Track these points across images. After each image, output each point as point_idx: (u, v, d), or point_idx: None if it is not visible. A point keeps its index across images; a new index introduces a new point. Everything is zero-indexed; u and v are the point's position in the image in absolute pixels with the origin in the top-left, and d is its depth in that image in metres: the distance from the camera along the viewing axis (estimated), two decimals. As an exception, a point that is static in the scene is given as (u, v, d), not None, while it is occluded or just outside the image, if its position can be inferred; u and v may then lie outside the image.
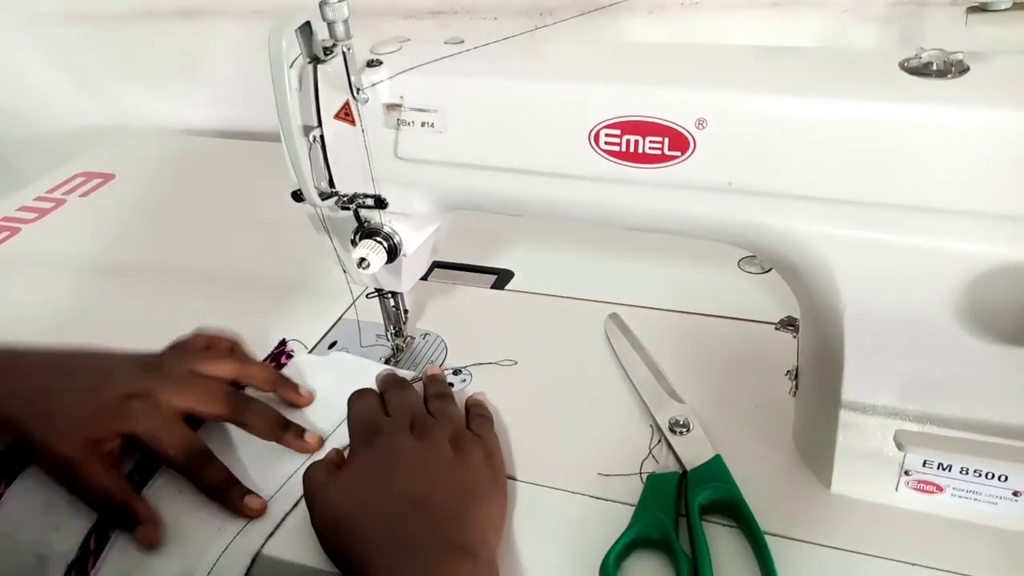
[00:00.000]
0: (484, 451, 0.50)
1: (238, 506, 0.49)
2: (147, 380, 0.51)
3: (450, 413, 0.53)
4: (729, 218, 0.44)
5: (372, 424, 0.51)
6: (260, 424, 0.53)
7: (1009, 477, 0.44)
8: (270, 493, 0.51)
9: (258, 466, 0.52)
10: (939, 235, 0.40)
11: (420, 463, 0.47)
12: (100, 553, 0.48)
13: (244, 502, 0.49)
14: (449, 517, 0.44)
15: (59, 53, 1.14)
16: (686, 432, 0.52)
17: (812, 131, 0.41)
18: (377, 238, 0.52)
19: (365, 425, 0.51)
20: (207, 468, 0.50)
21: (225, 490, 0.50)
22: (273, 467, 0.52)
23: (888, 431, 0.45)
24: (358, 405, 0.54)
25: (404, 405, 0.53)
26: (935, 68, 0.40)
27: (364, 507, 0.44)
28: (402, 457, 0.47)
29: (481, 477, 0.48)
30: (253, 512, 0.49)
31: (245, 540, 0.48)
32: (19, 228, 0.87)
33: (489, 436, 0.52)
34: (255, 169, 0.95)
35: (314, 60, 0.48)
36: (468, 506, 0.45)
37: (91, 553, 0.48)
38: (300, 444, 0.53)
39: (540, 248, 0.75)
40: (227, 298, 0.71)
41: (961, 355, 0.42)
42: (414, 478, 0.46)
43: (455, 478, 0.47)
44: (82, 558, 0.47)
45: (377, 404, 0.53)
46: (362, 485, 0.46)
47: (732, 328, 0.63)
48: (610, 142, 0.44)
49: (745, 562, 0.45)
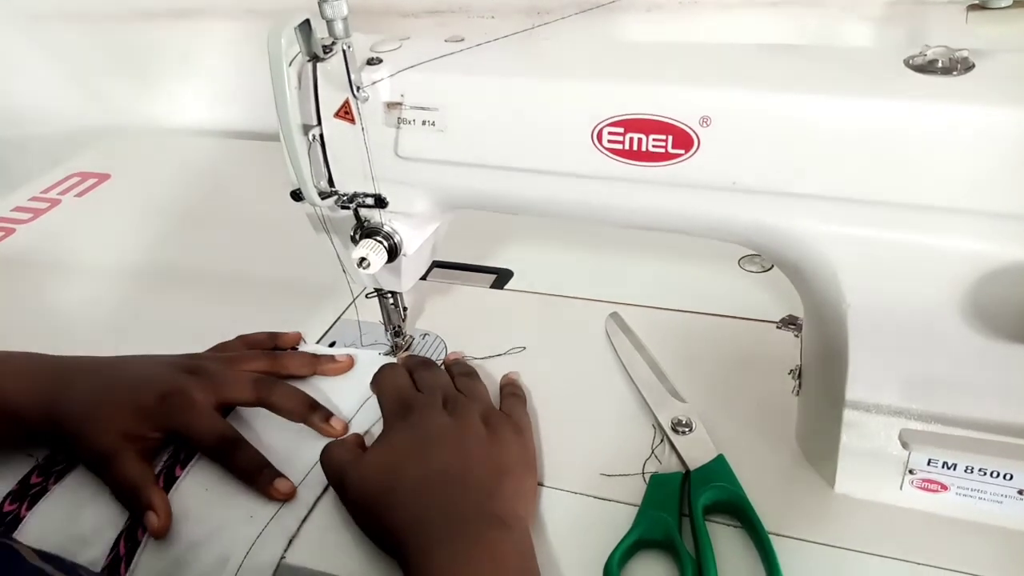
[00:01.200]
0: (514, 428, 0.51)
1: (268, 489, 0.50)
2: (182, 379, 0.54)
3: (478, 391, 0.55)
4: (733, 217, 0.44)
5: (405, 400, 0.52)
6: (288, 405, 0.55)
7: (1015, 476, 0.44)
8: (298, 479, 0.51)
9: (287, 453, 0.53)
10: (944, 233, 0.40)
11: (455, 439, 0.49)
12: (132, 556, 0.48)
13: (274, 485, 0.50)
14: (485, 491, 0.46)
15: (55, 53, 1.13)
16: (689, 432, 0.52)
17: (817, 129, 0.40)
18: (377, 237, 0.52)
19: (398, 400, 0.53)
20: (239, 453, 0.52)
21: (257, 473, 0.51)
22: (302, 454, 0.53)
23: (892, 430, 0.45)
24: (388, 380, 0.55)
25: (435, 383, 0.54)
26: (940, 65, 0.40)
27: (401, 480, 0.46)
28: (437, 433, 0.49)
29: (513, 453, 0.49)
30: (282, 495, 0.50)
31: (279, 525, 0.49)
32: (14, 229, 0.87)
33: (520, 414, 0.54)
34: (252, 169, 0.95)
35: (313, 58, 0.47)
36: (501, 481, 0.47)
37: (121, 559, 0.48)
38: (326, 428, 0.54)
39: (540, 247, 0.75)
40: (224, 298, 0.71)
41: (966, 353, 0.42)
42: (450, 453, 0.47)
43: (488, 454, 0.48)
44: (113, 564, 0.48)
45: (408, 380, 0.55)
46: (399, 459, 0.48)
47: (733, 327, 0.62)
48: (613, 140, 0.43)
49: (749, 562, 0.45)
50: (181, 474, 0.52)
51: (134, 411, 0.52)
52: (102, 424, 0.51)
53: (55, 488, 0.52)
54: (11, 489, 0.52)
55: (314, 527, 0.49)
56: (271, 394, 0.55)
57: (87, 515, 0.50)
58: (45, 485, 0.52)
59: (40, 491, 0.52)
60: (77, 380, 0.54)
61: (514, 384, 0.57)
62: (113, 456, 0.51)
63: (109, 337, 0.57)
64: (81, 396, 0.53)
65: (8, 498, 0.51)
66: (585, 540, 0.47)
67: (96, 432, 0.51)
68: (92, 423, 0.51)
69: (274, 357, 0.59)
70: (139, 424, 0.52)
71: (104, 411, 0.52)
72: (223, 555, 0.47)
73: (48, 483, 0.52)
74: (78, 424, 0.52)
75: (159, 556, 0.48)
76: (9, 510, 0.51)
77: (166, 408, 0.52)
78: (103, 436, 0.51)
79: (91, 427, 0.51)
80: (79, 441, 0.52)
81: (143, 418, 0.52)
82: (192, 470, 0.53)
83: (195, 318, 0.67)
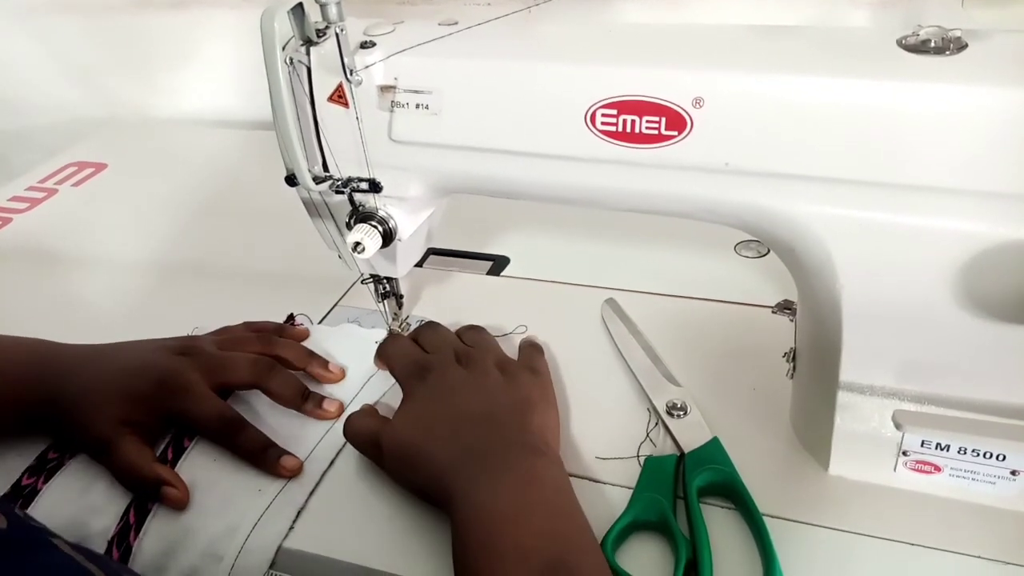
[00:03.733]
0: (530, 370, 0.53)
1: (275, 467, 0.51)
2: (178, 362, 0.54)
3: (487, 342, 0.56)
4: (726, 199, 0.44)
5: (419, 363, 0.53)
6: (283, 391, 0.55)
7: (1007, 456, 0.44)
8: (304, 455, 0.52)
9: (290, 431, 0.54)
10: (937, 214, 0.40)
11: (476, 386, 0.50)
12: (142, 525, 0.49)
13: (280, 462, 0.51)
14: (513, 425, 0.47)
15: (51, 43, 1.13)
16: (683, 415, 0.52)
17: (810, 110, 0.40)
18: (372, 222, 0.52)
19: (412, 365, 0.53)
20: (241, 434, 0.52)
21: (261, 452, 0.51)
22: (306, 431, 0.54)
23: (886, 412, 0.45)
24: (395, 349, 0.56)
25: (443, 342, 0.55)
26: (933, 45, 0.40)
27: (430, 432, 0.47)
28: (457, 384, 0.50)
29: (532, 391, 0.51)
30: (289, 472, 0.51)
31: (288, 496, 0.50)
32: (11, 218, 0.87)
33: (537, 360, 0.56)
34: (249, 158, 0.95)
35: (307, 42, 0.47)
36: (526, 415, 0.48)
37: (131, 526, 0.49)
38: (319, 413, 0.55)
39: (536, 234, 0.75)
40: (221, 287, 0.71)
41: (960, 334, 0.42)
42: (475, 399, 0.49)
43: (509, 395, 0.50)
44: (123, 532, 0.48)
45: (414, 346, 0.56)
46: (425, 414, 0.49)
47: (729, 312, 0.63)
48: (606, 122, 0.43)
49: (743, 544, 0.45)
50: (189, 445, 0.53)
51: (131, 398, 0.52)
52: (99, 412, 0.51)
53: (70, 463, 0.53)
54: (29, 464, 0.53)
55: (314, 513, 0.49)
56: (268, 378, 0.55)
57: (100, 487, 0.51)
58: (61, 460, 0.53)
59: (56, 465, 0.53)
60: (73, 368, 0.54)
61: (531, 339, 0.59)
62: (112, 442, 0.51)
63: (106, 326, 0.57)
64: (77, 385, 0.53)
65: (27, 473, 0.52)
66: (580, 522, 0.47)
67: (94, 420, 0.51)
68: (89, 412, 0.52)
69: (270, 343, 0.58)
70: (137, 410, 0.52)
71: (101, 399, 0.52)
72: (232, 525, 0.48)
73: (64, 458, 0.53)
74: (75, 413, 0.52)
75: (168, 523, 0.49)
76: (27, 483, 0.52)
77: (164, 393, 0.52)
78: (101, 424, 0.51)
79: (89, 416, 0.51)
80: (77, 429, 0.52)
81: (141, 404, 0.52)
82: (200, 442, 0.54)
83: (193, 307, 0.67)
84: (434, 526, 0.47)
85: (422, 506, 0.48)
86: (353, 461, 0.52)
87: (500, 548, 0.40)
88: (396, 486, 0.49)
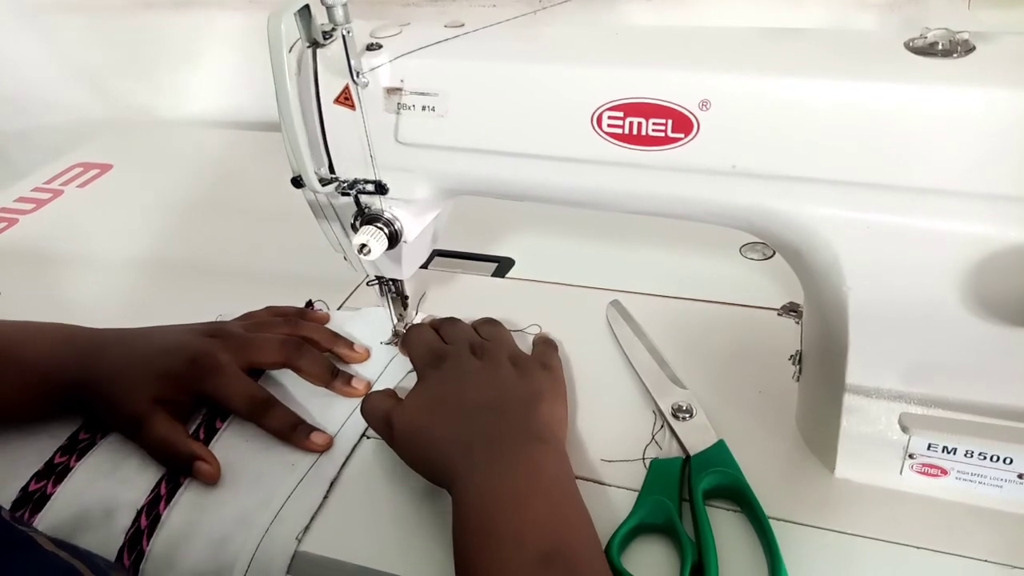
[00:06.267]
0: (541, 365, 0.54)
1: (305, 443, 0.53)
2: (209, 343, 0.55)
3: (502, 335, 0.58)
4: (733, 201, 0.44)
5: (436, 352, 0.54)
6: (312, 370, 0.57)
7: (1015, 460, 0.44)
8: (334, 431, 0.54)
9: (320, 409, 0.56)
10: (945, 217, 0.40)
11: (486, 377, 0.51)
12: (172, 496, 0.50)
13: (311, 439, 0.53)
14: (520, 414, 0.48)
15: (57, 44, 1.13)
16: (689, 418, 0.52)
17: (816, 112, 0.40)
18: (378, 224, 0.52)
19: (429, 354, 0.55)
20: (272, 412, 0.54)
21: (292, 430, 0.53)
22: (334, 410, 0.56)
23: (892, 414, 0.45)
24: (416, 337, 0.57)
25: (461, 334, 0.57)
26: (941, 48, 0.40)
27: (438, 415, 0.49)
28: (470, 374, 0.52)
29: (543, 384, 0.52)
30: (319, 447, 0.53)
31: (320, 469, 0.51)
32: (17, 219, 0.87)
33: (550, 355, 0.57)
34: (255, 159, 0.95)
35: (313, 44, 0.47)
36: (533, 405, 0.49)
37: (162, 497, 0.50)
38: (348, 390, 0.57)
39: (541, 236, 0.75)
40: (226, 287, 0.71)
41: (966, 337, 0.42)
42: (484, 388, 0.50)
43: (519, 386, 0.51)
44: (153, 502, 0.50)
45: (435, 335, 0.57)
46: (436, 400, 0.50)
47: (734, 314, 0.62)
48: (613, 125, 0.43)
49: (749, 546, 0.45)
50: (222, 426, 0.55)
51: (163, 376, 0.53)
52: (132, 390, 0.53)
53: (102, 442, 0.54)
54: (60, 444, 0.54)
55: (331, 517, 0.49)
56: (298, 357, 0.57)
57: (132, 464, 0.52)
58: (93, 439, 0.54)
59: (88, 445, 0.54)
60: (107, 349, 0.55)
61: (545, 335, 0.61)
62: (145, 418, 0.52)
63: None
64: (111, 364, 0.54)
65: (59, 452, 0.54)
66: (586, 525, 0.47)
67: (127, 398, 0.53)
68: (122, 389, 0.53)
69: (296, 325, 0.60)
70: (169, 389, 0.53)
71: (134, 377, 0.53)
72: (265, 497, 0.49)
73: (96, 437, 0.55)
74: (109, 391, 0.53)
75: (200, 495, 0.50)
76: (60, 461, 0.53)
77: (196, 372, 0.54)
78: (134, 401, 0.52)
79: (122, 393, 0.53)
80: (111, 407, 0.53)
81: (172, 383, 0.54)
82: (232, 423, 0.55)
83: (198, 308, 0.67)
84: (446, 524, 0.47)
85: (435, 507, 0.48)
86: (366, 467, 0.52)
87: (498, 533, 0.41)
88: (408, 492, 0.50)
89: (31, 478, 0.52)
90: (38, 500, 0.51)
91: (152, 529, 0.48)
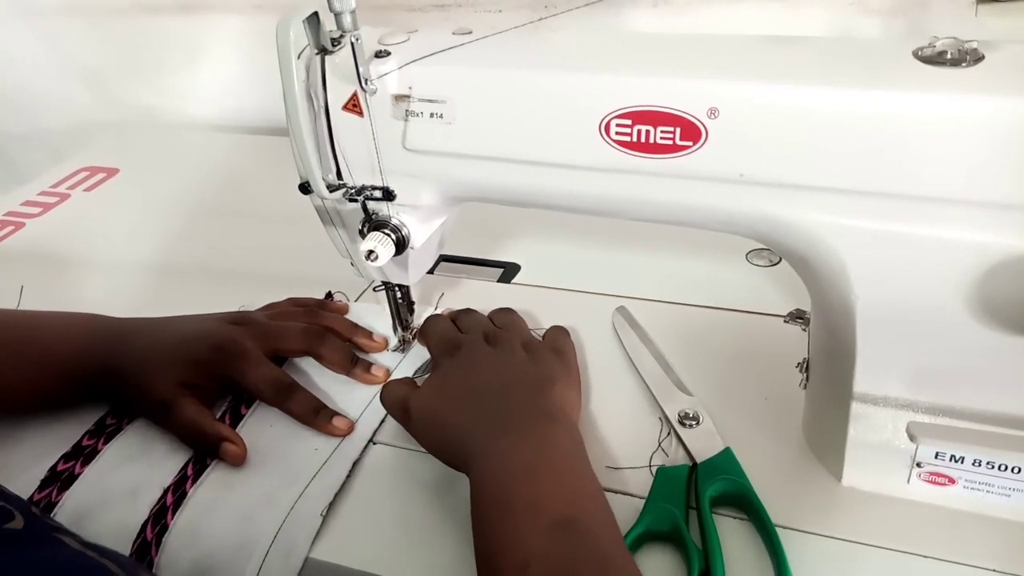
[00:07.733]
0: (554, 351, 0.56)
1: (327, 427, 0.54)
2: (234, 331, 0.57)
3: (516, 323, 0.59)
4: (740, 209, 0.44)
5: (451, 341, 0.56)
6: (333, 357, 0.59)
7: (1022, 469, 0.44)
8: (354, 417, 0.56)
9: (340, 395, 0.58)
10: (952, 226, 0.40)
11: (499, 362, 0.53)
12: (199, 476, 0.51)
13: (333, 423, 0.54)
14: (532, 395, 0.49)
15: (62, 48, 1.13)
16: (695, 425, 0.52)
17: (825, 121, 0.40)
18: (385, 230, 0.52)
19: (445, 342, 0.56)
20: (295, 397, 0.55)
21: (315, 414, 0.55)
22: (354, 396, 0.58)
23: (900, 423, 0.45)
24: (433, 327, 0.59)
25: (476, 324, 0.58)
26: (949, 57, 0.40)
27: (453, 400, 0.50)
28: (483, 361, 0.53)
29: (554, 368, 0.53)
30: (341, 432, 0.54)
31: (343, 452, 0.53)
32: (23, 223, 0.87)
33: (563, 342, 0.58)
34: (261, 163, 0.95)
35: (322, 51, 0.47)
36: (545, 387, 0.50)
37: (189, 477, 0.51)
38: (368, 377, 0.59)
39: (547, 241, 0.75)
40: (233, 292, 0.70)
41: (974, 346, 0.42)
42: (495, 373, 0.51)
43: (531, 370, 0.52)
44: (180, 481, 0.51)
45: (451, 325, 0.59)
46: (451, 385, 0.52)
47: (740, 321, 0.62)
48: (621, 132, 0.43)
49: (756, 554, 0.45)
50: (247, 413, 0.56)
51: (189, 362, 0.55)
52: (159, 376, 0.54)
53: (128, 428, 0.56)
54: (88, 429, 0.56)
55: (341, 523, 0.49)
56: (320, 345, 0.58)
57: (159, 448, 0.54)
58: (120, 425, 0.56)
59: (115, 429, 0.56)
60: (134, 337, 0.57)
61: (558, 326, 0.61)
62: (171, 402, 0.53)
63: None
64: (138, 352, 0.55)
65: (87, 435, 0.55)
66: (592, 532, 0.47)
67: (154, 384, 0.54)
68: (149, 376, 0.54)
69: (317, 315, 0.62)
70: (195, 374, 0.55)
71: (160, 364, 0.55)
72: (290, 477, 0.51)
73: (123, 423, 0.56)
74: (136, 377, 0.54)
75: (226, 475, 0.52)
76: (88, 444, 0.54)
77: (221, 358, 0.55)
78: (161, 387, 0.54)
79: (149, 379, 0.54)
80: (138, 393, 0.54)
81: (199, 369, 0.55)
82: (257, 410, 0.57)
83: (206, 311, 0.67)
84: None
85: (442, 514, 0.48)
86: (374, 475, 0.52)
87: (513, 504, 0.42)
88: (418, 499, 0.50)
89: (59, 459, 0.53)
90: (66, 479, 0.52)
91: (178, 505, 0.49)
